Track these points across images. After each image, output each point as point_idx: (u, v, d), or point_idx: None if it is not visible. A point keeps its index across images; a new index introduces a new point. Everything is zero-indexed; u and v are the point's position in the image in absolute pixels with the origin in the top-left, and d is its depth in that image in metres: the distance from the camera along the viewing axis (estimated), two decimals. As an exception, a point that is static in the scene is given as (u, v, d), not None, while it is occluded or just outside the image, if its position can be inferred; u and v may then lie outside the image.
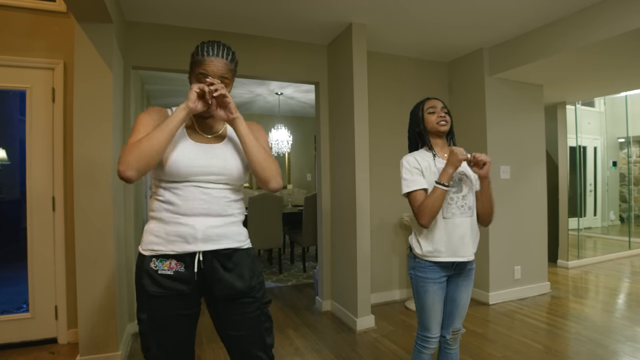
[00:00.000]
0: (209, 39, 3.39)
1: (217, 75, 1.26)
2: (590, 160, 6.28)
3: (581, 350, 2.63)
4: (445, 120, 1.67)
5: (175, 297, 1.24)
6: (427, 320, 1.68)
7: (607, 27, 2.65)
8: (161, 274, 1.22)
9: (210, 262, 1.26)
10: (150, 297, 1.23)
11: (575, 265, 4.95)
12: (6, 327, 2.69)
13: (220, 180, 1.28)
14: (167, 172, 1.22)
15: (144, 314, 1.24)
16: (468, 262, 1.68)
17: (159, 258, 1.23)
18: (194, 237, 1.23)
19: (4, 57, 2.64)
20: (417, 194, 1.62)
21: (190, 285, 1.25)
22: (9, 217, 3.13)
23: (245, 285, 1.30)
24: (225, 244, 1.28)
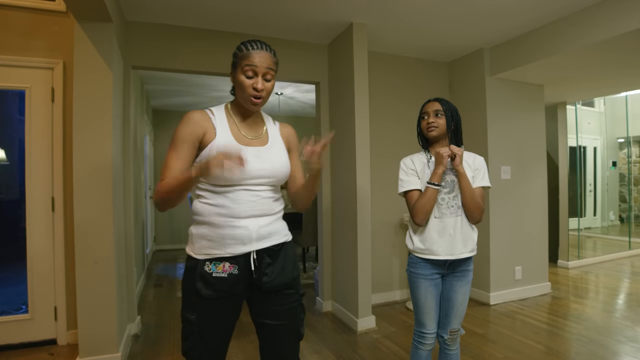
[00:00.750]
0: (208, 38, 3.39)
1: (264, 66, 1.26)
2: (590, 160, 6.28)
3: (582, 350, 2.63)
4: (434, 125, 1.70)
5: (227, 299, 1.27)
6: (421, 315, 1.74)
7: (608, 27, 2.65)
8: (215, 276, 1.24)
9: (261, 259, 1.30)
10: (202, 299, 1.24)
11: (575, 265, 4.95)
12: (5, 328, 2.68)
13: (269, 183, 1.32)
14: (218, 178, 1.23)
15: (193, 315, 1.25)
16: (462, 262, 1.72)
17: (213, 261, 1.25)
18: (250, 238, 1.26)
19: (3, 56, 2.63)
20: (411, 194, 1.72)
21: (242, 285, 1.28)
22: (8, 217, 3.11)
23: (289, 277, 1.35)
24: (275, 240, 1.33)
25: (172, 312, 3.54)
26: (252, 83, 1.25)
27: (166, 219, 6.83)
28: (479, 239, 3.70)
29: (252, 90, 1.26)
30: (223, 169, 1.10)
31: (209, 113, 1.31)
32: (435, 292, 1.72)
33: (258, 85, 1.25)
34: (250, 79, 1.26)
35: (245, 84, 1.25)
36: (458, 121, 1.73)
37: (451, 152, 1.64)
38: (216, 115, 1.31)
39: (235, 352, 2.67)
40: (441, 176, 1.64)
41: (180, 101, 6.18)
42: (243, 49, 1.28)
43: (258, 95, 1.26)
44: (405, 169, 1.76)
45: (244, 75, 1.26)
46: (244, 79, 1.26)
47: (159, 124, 6.78)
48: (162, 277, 4.97)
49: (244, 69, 1.26)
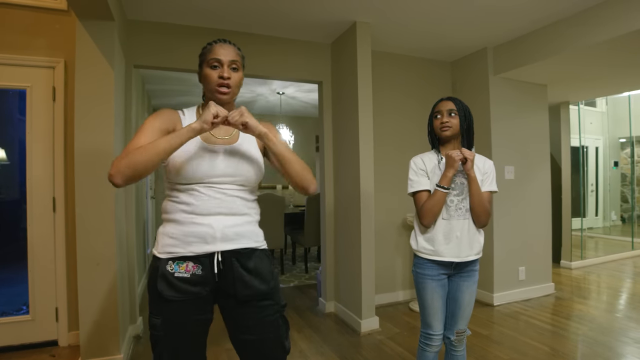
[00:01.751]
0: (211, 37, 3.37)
1: (228, 59, 1.26)
2: (592, 160, 6.26)
3: (588, 352, 2.61)
4: (448, 125, 1.67)
5: (191, 302, 1.21)
6: (428, 317, 1.72)
7: (612, 26, 2.63)
8: (177, 277, 1.19)
9: (230, 263, 1.24)
10: (165, 301, 1.19)
11: (578, 265, 4.93)
12: (6, 330, 2.65)
13: (235, 182, 1.27)
14: (181, 176, 1.21)
15: (158, 319, 1.20)
16: (469, 264, 1.70)
17: (176, 261, 1.20)
18: (213, 237, 1.21)
19: (4, 55, 2.60)
20: (420, 195, 1.70)
21: (207, 287, 1.23)
22: (8, 217, 3.09)
23: (265, 286, 1.28)
24: (243, 244, 1.26)
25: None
26: (218, 73, 1.25)
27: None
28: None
29: (217, 79, 1.25)
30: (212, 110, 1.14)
31: (179, 112, 1.31)
32: (442, 293, 1.71)
33: (224, 73, 1.24)
34: (215, 69, 1.25)
35: (211, 75, 1.25)
36: (471, 122, 1.71)
37: (463, 155, 1.61)
38: (186, 115, 1.31)
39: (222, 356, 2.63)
40: (451, 179, 1.62)
41: (181, 101, 6.16)
42: (207, 47, 1.30)
43: (224, 83, 1.25)
44: (415, 168, 1.73)
45: (209, 68, 1.26)
46: (210, 71, 1.25)
47: (160, 123, 6.75)
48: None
49: (209, 62, 1.26)
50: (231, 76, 1.26)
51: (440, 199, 1.62)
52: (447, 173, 1.62)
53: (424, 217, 1.66)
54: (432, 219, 1.65)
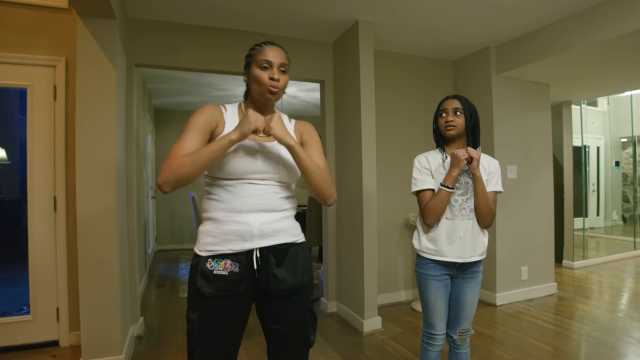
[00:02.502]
0: (212, 36, 3.36)
1: (278, 61, 1.29)
2: (593, 160, 6.25)
3: (591, 352, 2.60)
4: (452, 125, 1.65)
5: (228, 298, 1.24)
6: (430, 317, 1.71)
7: (618, 25, 2.61)
8: (216, 274, 1.22)
9: (266, 259, 1.26)
10: (203, 297, 1.22)
11: (580, 265, 4.92)
12: (7, 330, 2.64)
13: (273, 178, 1.29)
14: (223, 171, 1.24)
15: (195, 314, 1.23)
16: (472, 265, 1.69)
17: (215, 258, 1.23)
18: (251, 234, 1.24)
19: (5, 54, 2.59)
20: (424, 194, 1.68)
21: (244, 284, 1.25)
22: (9, 217, 3.08)
23: (297, 281, 1.30)
24: (281, 239, 1.29)
25: (175, 313, 3.50)
26: (269, 74, 1.27)
27: (168, 219, 6.80)
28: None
29: (269, 80, 1.27)
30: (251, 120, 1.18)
31: (222, 108, 1.33)
32: (444, 293, 1.70)
33: (275, 75, 1.27)
34: (266, 70, 1.28)
35: (262, 76, 1.27)
36: (476, 121, 1.68)
37: (468, 155, 1.58)
38: (229, 111, 1.33)
39: (240, 353, 2.63)
40: (455, 179, 1.60)
41: (182, 100, 6.14)
42: (257, 48, 1.32)
43: (275, 84, 1.27)
44: (420, 167, 1.71)
45: (259, 69, 1.28)
46: (261, 72, 1.28)
47: (161, 123, 6.76)
48: (165, 277, 4.93)
49: (259, 63, 1.28)
50: (280, 78, 1.29)
51: (445, 198, 1.61)
52: (451, 172, 1.60)
53: (427, 217, 1.64)
54: (436, 218, 1.63)
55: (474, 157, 1.58)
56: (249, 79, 1.33)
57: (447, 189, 1.60)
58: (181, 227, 6.89)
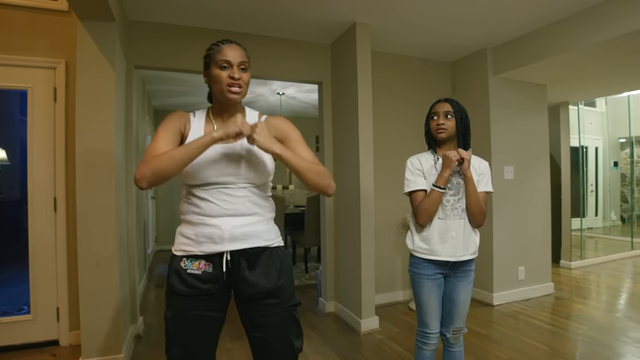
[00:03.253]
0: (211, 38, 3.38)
1: (238, 60, 1.27)
2: (592, 160, 6.27)
3: (587, 351, 2.62)
4: (443, 127, 1.68)
5: (203, 298, 1.26)
6: (424, 316, 1.74)
7: (614, 26, 2.63)
8: (190, 273, 1.25)
9: (237, 262, 1.27)
10: (177, 295, 1.25)
11: (578, 265, 4.94)
12: (7, 329, 2.66)
13: (243, 182, 1.29)
14: (187, 176, 1.26)
15: (170, 312, 1.27)
16: (464, 263, 1.72)
17: (189, 258, 1.26)
18: (221, 237, 1.25)
19: (5, 56, 2.61)
20: (417, 194, 1.71)
21: (217, 285, 1.27)
22: (9, 217, 3.10)
23: (271, 284, 1.29)
24: (252, 243, 1.28)
25: (174, 312, 3.52)
26: (228, 73, 1.26)
27: (167, 220, 6.82)
28: (482, 239, 3.69)
29: (228, 79, 1.26)
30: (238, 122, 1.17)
31: (190, 114, 1.35)
32: (438, 292, 1.72)
33: (235, 74, 1.25)
34: (225, 69, 1.26)
35: (221, 76, 1.26)
36: (467, 124, 1.72)
37: (459, 156, 1.62)
38: (197, 117, 1.34)
39: (239, 352, 2.65)
40: (447, 179, 1.64)
41: (181, 101, 6.16)
42: (214, 47, 1.30)
43: (235, 83, 1.26)
44: (412, 168, 1.75)
45: (218, 69, 1.26)
46: (220, 72, 1.26)
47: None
48: (164, 277, 4.93)
49: (218, 63, 1.26)
50: (241, 76, 1.28)
51: (437, 198, 1.64)
52: (443, 173, 1.63)
53: (420, 217, 1.67)
54: (428, 218, 1.66)
55: (465, 158, 1.62)
56: (208, 79, 1.31)
57: (439, 190, 1.64)
58: (181, 227, 6.90)
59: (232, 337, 2.87)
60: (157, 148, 1.19)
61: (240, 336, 2.88)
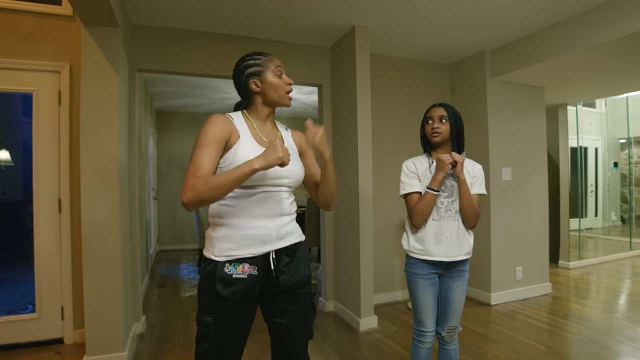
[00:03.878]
0: (213, 41, 3.43)
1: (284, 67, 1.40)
2: (592, 161, 6.29)
3: (583, 350, 2.66)
4: (438, 131, 1.73)
5: (243, 300, 1.30)
6: (420, 314, 1.78)
7: (611, 29, 2.67)
8: (235, 277, 1.27)
9: (279, 258, 1.35)
10: (221, 300, 1.26)
11: (576, 265, 4.97)
12: (13, 328, 2.72)
13: (285, 184, 1.37)
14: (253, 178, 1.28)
15: (211, 317, 1.27)
16: (459, 263, 1.77)
17: (232, 263, 1.28)
18: (270, 238, 1.31)
19: (11, 60, 2.67)
20: (412, 197, 1.76)
21: (259, 286, 1.32)
22: (12, 218, 3.15)
23: (304, 275, 1.41)
24: (292, 240, 1.39)
25: (175, 312, 3.58)
26: (285, 81, 1.37)
27: (169, 220, 6.88)
28: (480, 239, 3.74)
29: (287, 86, 1.37)
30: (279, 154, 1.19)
31: (230, 118, 1.35)
32: (433, 292, 1.77)
33: (290, 80, 1.39)
34: (281, 78, 1.36)
35: (280, 83, 1.36)
36: (461, 128, 1.77)
37: (453, 159, 1.67)
38: (236, 120, 1.36)
39: (250, 346, 2.69)
40: (441, 182, 1.69)
41: (183, 103, 6.22)
42: (262, 57, 1.38)
43: (291, 90, 1.39)
44: (407, 171, 1.79)
45: (276, 77, 1.36)
46: (277, 80, 1.36)
47: (162, 125, 6.83)
48: (166, 277, 5.01)
49: (274, 71, 1.36)
50: None
51: (431, 200, 1.69)
52: (437, 176, 1.68)
53: (415, 218, 1.72)
54: (423, 219, 1.71)
55: (458, 161, 1.67)
56: (262, 86, 1.35)
57: (433, 192, 1.68)
58: (182, 228, 6.96)
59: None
60: (202, 166, 1.20)
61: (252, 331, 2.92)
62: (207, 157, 1.23)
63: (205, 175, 1.19)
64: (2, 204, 3.15)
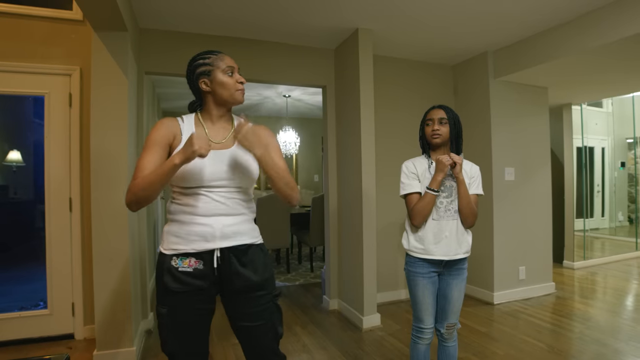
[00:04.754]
0: (218, 44, 3.49)
1: (237, 66, 1.41)
2: (598, 160, 6.26)
3: (585, 349, 2.67)
4: (438, 133, 1.77)
5: (194, 293, 1.34)
6: (419, 312, 1.83)
7: (615, 30, 2.67)
8: (181, 271, 1.32)
9: (228, 258, 1.37)
10: (171, 292, 1.32)
11: (581, 266, 4.97)
12: (26, 323, 2.80)
13: (231, 185, 1.38)
14: (181, 179, 1.32)
15: (164, 309, 1.33)
16: (458, 262, 1.81)
17: (180, 256, 1.33)
18: (213, 236, 1.34)
19: (24, 64, 2.76)
20: (411, 197, 1.81)
21: (208, 280, 1.35)
22: (24, 217, 3.23)
23: (259, 278, 1.41)
24: (240, 240, 1.39)
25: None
26: (236, 78, 1.39)
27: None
28: (482, 239, 3.76)
29: (237, 84, 1.39)
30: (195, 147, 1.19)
31: (179, 120, 1.41)
32: (432, 289, 1.81)
33: (243, 79, 1.41)
34: (231, 76, 1.39)
35: (229, 82, 1.38)
36: (459, 129, 1.81)
37: (452, 160, 1.71)
38: (185, 122, 1.41)
39: (229, 351, 2.75)
40: (440, 183, 1.73)
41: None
42: (211, 56, 1.39)
43: (242, 87, 1.41)
44: (407, 172, 1.84)
45: (226, 75, 1.38)
46: (227, 78, 1.38)
47: (169, 125, 6.90)
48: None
49: (224, 70, 1.38)
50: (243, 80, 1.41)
51: (430, 201, 1.73)
52: (436, 177, 1.72)
53: (414, 218, 1.77)
54: (422, 219, 1.76)
55: (457, 162, 1.71)
56: (211, 85, 1.37)
57: (432, 192, 1.73)
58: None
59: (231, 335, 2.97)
60: (142, 169, 1.27)
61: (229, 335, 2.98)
62: (148, 160, 1.29)
63: (142, 177, 1.26)
64: (14, 203, 3.24)
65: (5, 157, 3.15)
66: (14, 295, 2.97)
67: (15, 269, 3.18)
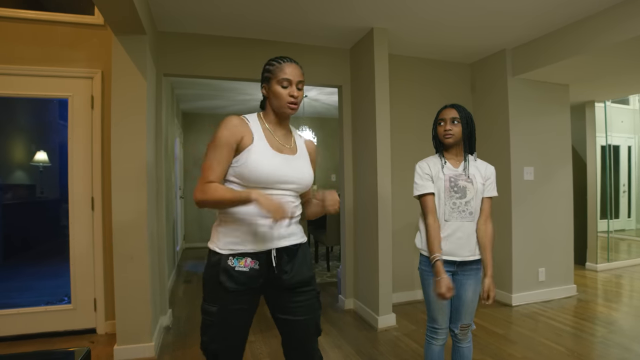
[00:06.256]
0: (235, 45, 3.53)
1: (297, 79, 1.41)
2: (624, 160, 6.06)
3: (607, 354, 2.60)
4: (450, 133, 1.75)
5: (246, 292, 1.38)
6: (433, 312, 1.82)
7: (636, 24, 2.58)
8: (238, 270, 1.35)
9: (280, 257, 1.41)
10: (224, 291, 1.35)
11: (604, 268, 4.82)
12: (51, 317, 2.91)
13: (293, 189, 1.44)
14: (250, 178, 1.35)
15: (214, 307, 1.36)
16: (472, 262, 1.79)
17: (236, 256, 1.36)
18: (271, 237, 1.39)
19: (49, 68, 2.86)
20: (426, 198, 1.79)
21: (261, 279, 1.40)
22: (50, 216, 3.35)
23: (306, 275, 1.48)
24: (294, 240, 1.46)
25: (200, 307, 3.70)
26: (289, 92, 1.40)
27: (195, 218, 7.09)
28: (501, 240, 3.69)
29: (289, 97, 1.40)
30: (278, 216, 1.25)
31: (245, 119, 1.42)
32: None
33: (295, 92, 1.40)
34: (286, 88, 1.40)
35: (282, 93, 1.40)
36: (472, 128, 1.79)
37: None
38: (251, 122, 1.43)
39: (260, 345, 2.80)
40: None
41: (208, 104, 6.40)
42: (275, 64, 1.42)
43: (294, 101, 1.41)
44: (421, 173, 1.82)
45: (280, 86, 1.40)
46: (281, 89, 1.40)
47: (188, 126, 7.05)
48: (192, 273, 5.18)
49: (279, 80, 1.40)
50: (299, 95, 1.42)
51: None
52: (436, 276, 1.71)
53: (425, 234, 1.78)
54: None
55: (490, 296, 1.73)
56: (268, 92, 1.44)
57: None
58: (208, 226, 7.14)
59: (255, 330, 3.02)
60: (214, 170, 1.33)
61: (262, 329, 3.03)
62: (218, 160, 1.34)
63: (216, 181, 1.33)
64: (40, 202, 3.37)
65: (32, 158, 3.27)
66: (41, 290, 3.09)
67: (42, 265, 3.32)
